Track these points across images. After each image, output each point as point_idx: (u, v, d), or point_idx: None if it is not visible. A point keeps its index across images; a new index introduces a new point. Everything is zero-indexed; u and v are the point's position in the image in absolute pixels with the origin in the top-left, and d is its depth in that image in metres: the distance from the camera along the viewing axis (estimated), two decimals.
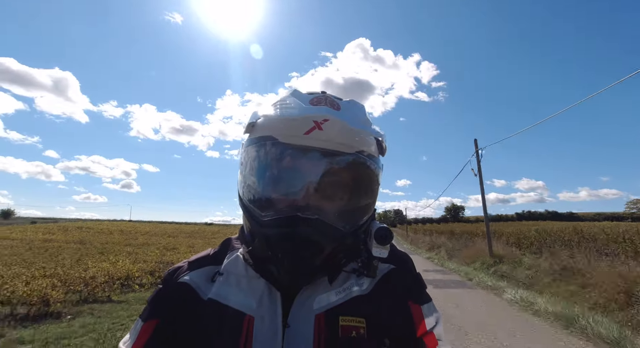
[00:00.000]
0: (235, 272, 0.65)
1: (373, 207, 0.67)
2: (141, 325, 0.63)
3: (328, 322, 0.58)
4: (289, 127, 0.58)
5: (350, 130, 0.59)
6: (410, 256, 0.74)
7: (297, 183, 0.58)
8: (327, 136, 0.57)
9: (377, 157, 0.66)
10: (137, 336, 0.62)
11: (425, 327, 0.64)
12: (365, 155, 0.62)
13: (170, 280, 0.68)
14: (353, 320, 0.59)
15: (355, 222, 0.62)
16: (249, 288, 0.63)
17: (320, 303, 0.60)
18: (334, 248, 0.59)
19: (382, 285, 0.65)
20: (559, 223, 25.85)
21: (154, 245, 17.63)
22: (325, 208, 0.58)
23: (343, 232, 0.59)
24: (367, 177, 0.63)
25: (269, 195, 0.60)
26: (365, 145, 0.62)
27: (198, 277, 0.67)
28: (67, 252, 13.70)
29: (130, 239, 23.23)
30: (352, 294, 0.63)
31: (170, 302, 0.65)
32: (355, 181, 0.62)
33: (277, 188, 0.60)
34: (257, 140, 0.62)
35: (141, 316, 0.65)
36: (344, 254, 0.63)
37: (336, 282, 0.63)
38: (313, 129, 0.57)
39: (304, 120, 0.57)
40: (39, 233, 27.80)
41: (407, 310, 0.65)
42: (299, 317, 0.59)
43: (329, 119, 0.57)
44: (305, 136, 0.57)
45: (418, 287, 0.70)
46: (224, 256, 0.69)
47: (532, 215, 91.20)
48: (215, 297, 0.63)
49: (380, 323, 0.61)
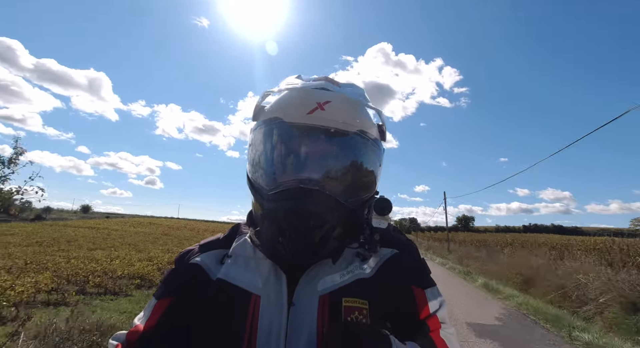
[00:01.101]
0: (243, 254, 0.68)
1: (374, 186, 0.70)
2: (155, 303, 0.67)
3: (332, 303, 0.60)
4: (292, 107, 0.63)
5: (350, 111, 0.64)
6: (415, 244, 0.76)
7: (299, 160, 0.62)
8: (329, 115, 0.61)
9: (377, 139, 0.70)
10: (150, 312, 0.66)
11: (429, 310, 0.66)
12: (366, 135, 0.65)
13: (182, 261, 0.71)
14: (356, 301, 0.61)
15: (356, 198, 0.65)
16: (256, 269, 0.65)
17: (324, 284, 0.62)
18: (337, 222, 0.61)
19: (386, 269, 0.67)
20: (545, 236, 29.87)
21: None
22: (327, 183, 0.61)
23: (344, 205, 0.61)
24: (367, 156, 0.66)
25: (274, 172, 0.64)
26: (366, 126, 0.66)
27: (208, 259, 0.70)
28: (163, 241, 18.92)
29: (196, 234, 29.33)
30: (356, 276, 0.64)
31: (182, 282, 0.68)
32: (355, 159, 0.65)
33: (282, 165, 0.63)
34: (263, 122, 0.67)
35: (155, 294, 0.69)
36: (346, 233, 0.65)
37: (341, 265, 0.65)
38: (315, 109, 0.61)
39: (307, 101, 0.62)
40: (126, 225, 35.58)
41: (411, 293, 0.67)
42: (303, 297, 0.61)
43: (331, 100, 0.62)
44: (309, 116, 0.61)
45: (422, 272, 0.71)
46: (233, 240, 0.73)
47: (538, 228, 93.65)
48: (223, 276, 0.65)
49: (383, 305, 0.63)
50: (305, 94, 0.64)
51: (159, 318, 0.64)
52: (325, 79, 0.70)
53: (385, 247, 0.69)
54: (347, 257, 0.66)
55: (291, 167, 0.62)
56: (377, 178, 0.70)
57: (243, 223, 0.77)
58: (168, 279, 0.71)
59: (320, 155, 0.62)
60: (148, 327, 0.64)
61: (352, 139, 0.64)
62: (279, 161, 0.64)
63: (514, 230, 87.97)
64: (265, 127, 0.66)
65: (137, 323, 0.66)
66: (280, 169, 0.63)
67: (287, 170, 0.63)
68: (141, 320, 0.66)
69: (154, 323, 0.64)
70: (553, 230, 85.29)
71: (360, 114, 0.66)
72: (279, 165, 0.63)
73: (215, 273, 0.67)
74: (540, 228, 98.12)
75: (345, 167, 0.64)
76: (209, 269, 0.68)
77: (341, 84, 0.71)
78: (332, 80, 0.70)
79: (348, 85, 0.72)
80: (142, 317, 0.67)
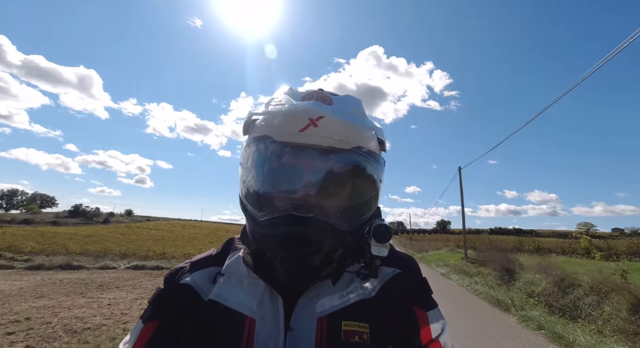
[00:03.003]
0: (236, 272, 0.65)
1: (374, 205, 0.65)
2: (142, 326, 0.62)
3: (330, 326, 0.58)
4: (283, 125, 0.58)
5: (346, 126, 0.59)
6: (414, 259, 0.72)
7: (293, 182, 0.58)
8: (322, 133, 0.57)
9: (377, 154, 0.64)
10: (137, 337, 0.61)
11: (431, 335, 0.63)
12: (363, 151, 0.61)
13: (172, 281, 0.67)
14: (356, 325, 0.58)
15: (355, 220, 0.61)
16: (250, 289, 0.62)
17: (323, 306, 0.60)
18: (334, 246, 0.59)
19: (387, 290, 0.64)
20: (503, 237, 39.81)
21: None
22: (323, 207, 0.57)
23: (341, 230, 0.58)
24: (366, 174, 0.62)
25: (266, 195, 0.60)
26: (363, 141, 0.61)
27: (200, 278, 0.67)
28: (216, 237, 26.85)
29: (232, 234, 38.84)
30: (356, 298, 0.62)
31: (171, 303, 0.64)
32: (353, 178, 0.60)
33: (273, 187, 0.59)
34: (253, 140, 0.62)
35: (142, 317, 0.64)
36: (347, 254, 0.62)
37: (340, 285, 0.62)
38: (308, 126, 0.56)
39: (299, 117, 0.57)
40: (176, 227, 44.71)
41: (413, 315, 0.64)
42: (301, 320, 0.58)
43: (325, 116, 0.57)
44: (301, 133, 0.56)
45: (424, 292, 0.68)
46: (227, 256, 0.69)
47: (502, 231, 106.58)
48: (215, 297, 0.62)
49: (384, 329, 0.60)
50: (297, 109, 0.58)
51: (146, 342, 0.60)
52: (317, 94, 0.65)
53: (386, 265, 0.67)
54: (347, 276, 0.64)
55: (283, 191, 0.59)
56: (377, 196, 0.66)
57: (237, 238, 0.74)
58: (156, 300, 0.66)
59: (314, 176, 0.58)
60: None
61: (349, 157, 0.60)
62: (270, 184, 0.60)
63: (481, 232, 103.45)
64: (254, 147, 0.62)
65: None
66: (271, 193, 0.59)
67: (278, 194, 0.59)
68: (127, 345, 0.62)
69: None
70: (513, 232, 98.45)
71: (357, 128, 0.61)
72: (270, 189, 0.60)
73: (207, 293, 0.64)
74: (503, 230, 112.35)
75: (342, 188, 0.60)
76: (200, 289, 0.65)
77: (335, 97, 0.66)
78: (323, 95, 0.65)
79: (343, 97, 0.67)
80: (128, 341, 0.62)
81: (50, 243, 18.37)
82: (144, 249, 18.02)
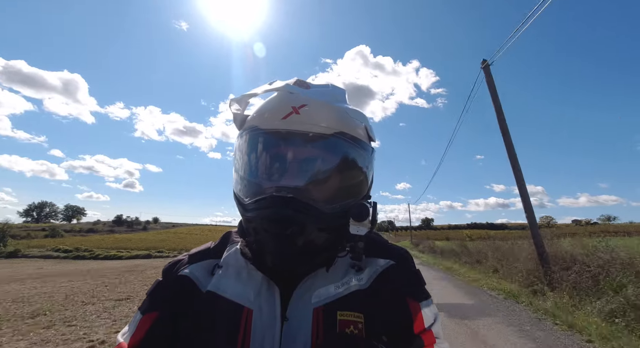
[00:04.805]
0: (234, 264, 0.66)
1: (361, 191, 0.66)
2: (140, 318, 0.63)
3: (326, 316, 0.59)
4: (267, 113, 0.62)
5: (330, 111, 0.61)
6: (409, 252, 0.74)
7: (277, 167, 0.61)
8: (305, 119, 0.59)
9: (362, 140, 0.66)
10: (135, 328, 0.62)
11: (423, 324, 0.64)
12: (346, 137, 0.62)
13: (170, 273, 0.69)
14: (351, 314, 0.60)
15: (338, 204, 0.61)
16: (247, 280, 0.63)
17: (318, 297, 0.61)
18: (318, 229, 0.59)
19: (381, 281, 0.66)
20: (478, 231, 47.26)
21: None
22: (304, 189, 0.58)
23: (322, 211, 0.59)
24: (347, 159, 0.63)
25: (252, 181, 0.63)
26: (346, 127, 0.62)
27: (198, 270, 0.68)
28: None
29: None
30: (350, 289, 0.63)
31: (169, 295, 0.65)
32: (336, 162, 0.62)
33: (258, 173, 0.62)
34: (242, 131, 0.66)
35: (140, 308, 0.65)
36: (336, 240, 0.63)
37: (335, 276, 0.64)
38: (290, 113, 0.59)
39: (281, 105, 0.60)
40: (203, 231, 54.05)
41: (405, 306, 0.65)
42: (297, 311, 0.59)
43: (307, 103, 0.59)
44: (284, 120, 0.59)
45: (417, 284, 0.70)
46: (224, 249, 0.71)
47: (493, 226, 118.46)
48: (213, 288, 0.63)
49: (378, 319, 0.61)
50: (280, 99, 0.62)
51: (144, 334, 0.61)
52: (295, 80, 0.67)
53: (381, 257, 0.69)
54: (342, 267, 0.66)
55: (268, 175, 0.61)
56: (366, 182, 0.67)
57: (234, 232, 0.75)
58: (154, 292, 0.67)
59: (297, 161, 0.60)
60: (133, 344, 0.60)
61: (332, 142, 0.61)
62: (255, 170, 0.63)
63: (461, 227, 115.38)
64: (242, 137, 0.66)
65: (121, 341, 0.62)
66: (257, 178, 0.62)
67: (263, 178, 0.61)
68: (125, 336, 0.62)
69: (139, 339, 0.61)
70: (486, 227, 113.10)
71: (340, 114, 0.63)
72: (255, 174, 0.63)
73: (205, 285, 0.65)
74: (479, 225, 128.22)
75: (324, 172, 0.61)
76: (198, 281, 0.66)
77: (314, 85, 0.68)
78: (301, 81, 0.67)
79: (323, 85, 0.69)
80: (126, 332, 0.63)
81: (127, 244, 28.48)
82: (194, 245, 26.86)
